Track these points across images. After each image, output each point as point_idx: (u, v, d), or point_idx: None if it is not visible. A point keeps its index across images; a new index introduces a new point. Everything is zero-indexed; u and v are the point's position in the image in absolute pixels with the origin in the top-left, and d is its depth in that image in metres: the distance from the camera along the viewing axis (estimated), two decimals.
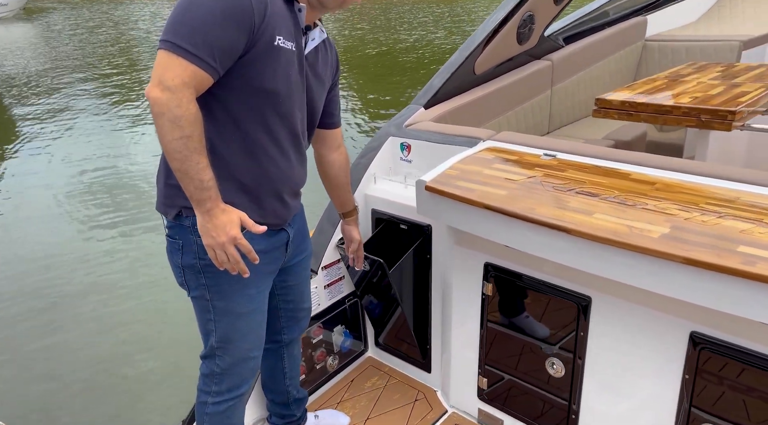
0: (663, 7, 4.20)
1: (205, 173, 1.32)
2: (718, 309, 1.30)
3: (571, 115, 3.53)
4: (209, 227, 1.36)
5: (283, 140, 1.50)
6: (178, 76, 1.26)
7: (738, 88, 2.43)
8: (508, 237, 1.67)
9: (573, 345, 1.79)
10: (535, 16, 2.90)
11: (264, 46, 1.37)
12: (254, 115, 1.43)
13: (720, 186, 1.57)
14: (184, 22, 1.28)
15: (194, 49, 1.27)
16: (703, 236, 1.34)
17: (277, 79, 1.42)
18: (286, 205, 1.59)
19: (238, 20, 1.30)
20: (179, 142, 1.28)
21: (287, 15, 1.43)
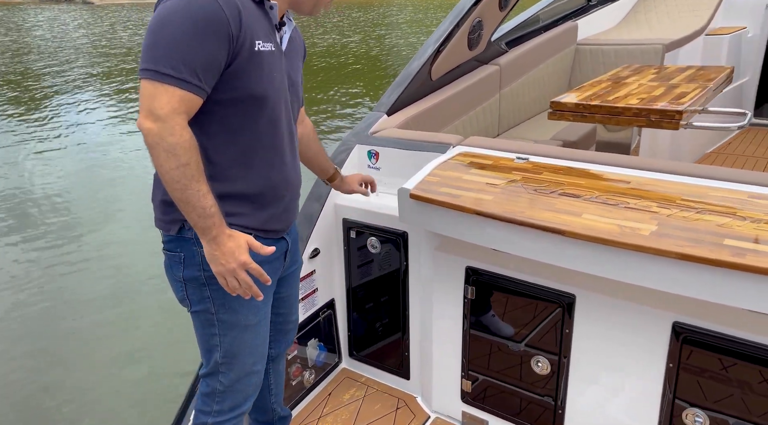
0: (590, 13, 4.45)
1: (207, 199, 1.29)
2: (706, 299, 1.39)
3: (518, 116, 3.66)
4: (217, 254, 1.33)
5: (278, 143, 1.49)
6: (167, 104, 1.24)
7: (677, 89, 2.61)
8: (497, 241, 1.69)
9: (558, 343, 1.85)
10: (483, 22, 2.98)
11: (246, 53, 1.34)
12: (247, 123, 1.41)
13: (688, 182, 1.67)
14: (160, 46, 1.24)
15: (176, 73, 1.24)
16: (688, 232, 1.42)
17: (264, 83, 1.40)
18: (288, 209, 1.58)
19: (214, 33, 1.27)
20: (177, 171, 1.25)
21: (260, 16, 1.41)
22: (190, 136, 1.26)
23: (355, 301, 2.37)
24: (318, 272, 2.29)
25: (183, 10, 1.24)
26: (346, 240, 2.30)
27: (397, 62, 14.22)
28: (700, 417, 1.61)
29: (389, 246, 2.20)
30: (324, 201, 2.25)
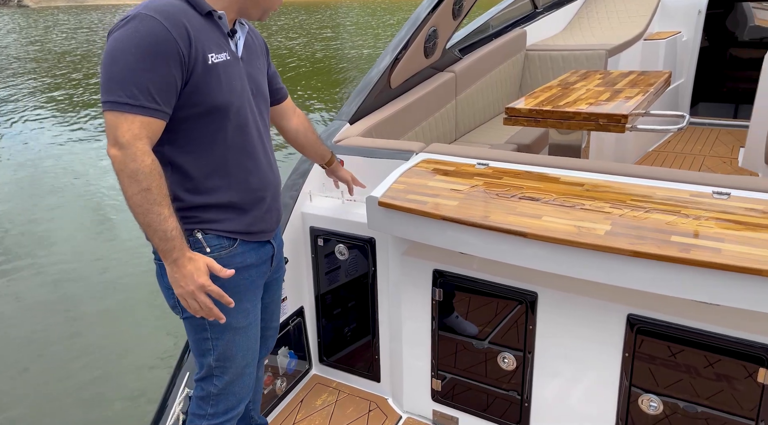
0: (537, 19, 4.63)
1: (168, 223, 1.33)
2: (656, 292, 1.50)
3: (474, 121, 3.78)
4: (177, 277, 1.37)
5: (250, 147, 1.53)
6: (127, 132, 1.29)
7: (621, 94, 2.77)
8: (463, 245, 1.77)
9: (522, 339, 1.94)
10: (438, 30, 3.07)
11: (201, 68, 1.38)
12: (216, 134, 1.45)
13: (637, 183, 1.80)
14: (114, 77, 1.30)
15: (134, 101, 1.30)
16: (639, 230, 1.54)
17: (225, 93, 1.44)
18: (270, 209, 1.62)
19: (165, 56, 1.31)
20: (139, 196, 1.30)
21: (209, 27, 1.44)
22: (152, 161, 1.31)
23: (324, 308, 2.41)
24: (287, 280, 2.31)
25: (131, 38, 1.30)
26: (313, 248, 2.34)
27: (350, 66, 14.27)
28: (654, 401, 1.73)
29: (356, 253, 2.25)
30: (291, 210, 2.28)
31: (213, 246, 1.50)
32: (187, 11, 1.38)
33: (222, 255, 1.52)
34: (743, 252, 1.38)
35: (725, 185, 1.69)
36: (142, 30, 1.30)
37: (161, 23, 1.31)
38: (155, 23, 1.30)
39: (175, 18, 1.33)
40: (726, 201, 1.61)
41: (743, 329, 1.53)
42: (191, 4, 1.41)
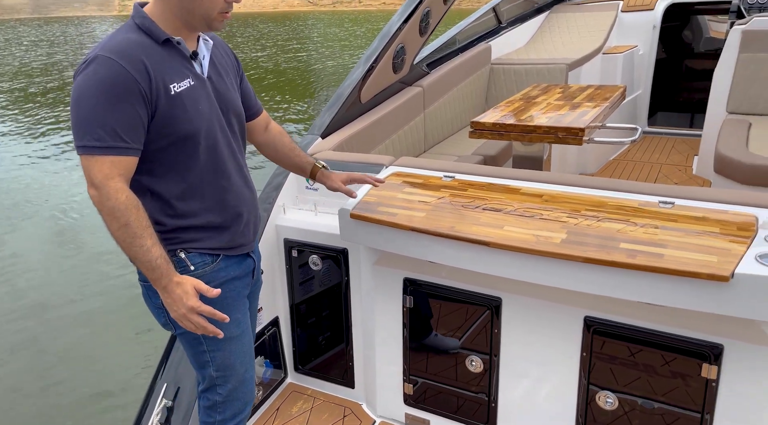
0: (501, 34, 4.80)
1: (152, 253, 1.39)
2: (608, 295, 1.62)
3: (441, 134, 3.90)
4: (169, 302, 1.44)
5: (223, 166, 1.58)
6: (99, 173, 1.37)
7: (579, 108, 2.92)
8: (431, 254, 1.87)
9: (488, 343, 2.04)
10: (406, 47, 3.19)
11: (164, 100, 1.43)
12: (189, 160, 1.51)
13: (591, 194, 1.93)
14: (81, 122, 1.37)
15: (100, 142, 1.36)
16: (592, 238, 1.66)
17: (192, 120, 1.48)
18: (248, 222, 1.68)
19: (126, 95, 1.37)
20: (120, 232, 1.38)
21: (169, 55, 1.47)
22: (126, 197, 1.38)
23: (298, 317, 2.48)
24: (261, 291, 2.37)
25: (91, 81, 1.35)
26: (287, 259, 2.41)
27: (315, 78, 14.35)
28: (610, 398, 1.85)
29: (330, 263, 2.33)
30: (265, 222, 2.35)
31: (196, 263, 1.56)
32: (144, 44, 1.42)
33: (206, 271, 1.57)
34: (682, 256, 1.51)
35: (670, 195, 1.83)
36: (101, 72, 1.35)
37: (118, 63, 1.36)
38: (113, 64, 1.36)
39: (132, 56, 1.38)
40: (670, 209, 1.75)
41: (687, 328, 1.66)
42: (148, 34, 1.44)
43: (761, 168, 2.74)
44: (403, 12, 3.07)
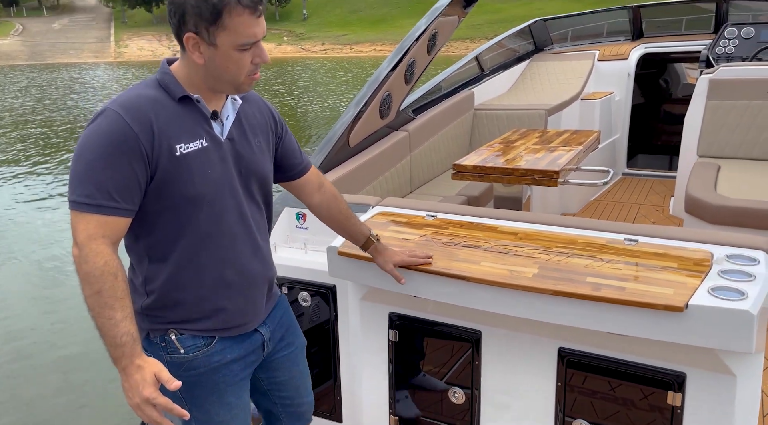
0: (484, 81, 5.05)
1: (119, 328, 1.28)
2: (578, 326, 1.74)
3: (427, 175, 4.07)
4: (125, 387, 1.30)
5: (227, 236, 1.49)
6: (83, 231, 1.30)
7: (555, 152, 3.10)
8: (414, 288, 1.98)
9: (470, 375, 2.14)
10: (392, 94, 3.39)
11: (166, 162, 1.37)
12: (188, 222, 1.43)
13: (562, 232, 2.07)
14: (76, 176, 1.32)
15: (90, 200, 1.30)
16: (561, 272, 1.78)
17: (197, 183, 1.41)
18: (254, 300, 1.58)
19: (125, 153, 1.31)
20: (91, 299, 1.29)
21: (184, 114, 1.41)
22: (104, 263, 1.28)
23: None
24: None
25: (93, 135, 1.32)
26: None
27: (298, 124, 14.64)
28: None
29: (319, 300, 2.43)
30: None
31: (188, 347, 1.47)
32: (157, 101, 1.38)
33: (198, 355, 1.49)
34: (642, 289, 1.63)
35: (635, 233, 1.97)
36: (103, 128, 1.31)
37: (123, 119, 1.32)
38: (118, 119, 1.32)
39: (140, 112, 1.34)
40: (634, 246, 1.89)
41: (652, 357, 1.77)
42: (165, 91, 1.40)
43: (728, 208, 2.90)
44: (389, 61, 3.28)
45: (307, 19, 47.95)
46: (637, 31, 5.76)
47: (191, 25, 1.34)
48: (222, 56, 1.36)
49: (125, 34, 47.90)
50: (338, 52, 38.28)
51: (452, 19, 3.67)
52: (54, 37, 47.72)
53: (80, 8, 57.46)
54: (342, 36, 41.46)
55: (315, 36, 40.40)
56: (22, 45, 45.30)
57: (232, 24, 1.33)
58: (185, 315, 1.46)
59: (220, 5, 1.31)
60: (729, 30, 4.83)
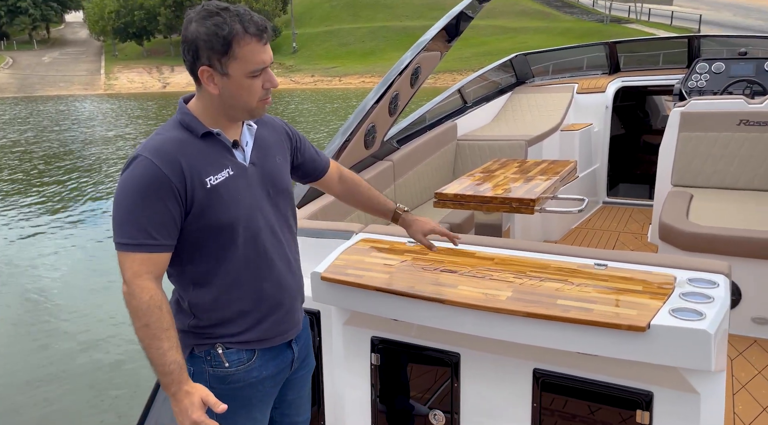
0: (467, 113, 5.22)
1: (167, 357, 1.41)
2: (550, 347, 1.81)
3: (411, 204, 4.17)
4: (176, 410, 1.45)
5: (263, 254, 1.60)
6: (128, 270, 1.44)
7: (533, 181, 3.22)
8: (395, 312, 2.05)
9: (449, 397, 2.19)
10: (376, 126, 3.51)
11: (201, 195, 1.49)
12: (226, 248, 1.55)
13: (536, 257, 2.16)
14: (117, 221, 1.46)
15: (132, 240, 1.43)
16: (534, 295, 1.87)
17: (231, 210, 1.53)
18: (289, 315, 1.70)
19: (159, 194, 1.44)
20: (140, 331, 1.43)
21: (209, 148, 1.53)
22: (150, 297, 1.42)
23: None
24: None
25: (128, 181, 1.45)
26: None
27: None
28: None
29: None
30: None
31: (232, 361, 1.59)
32: (183, 141, 1.49)
33: (240, 370, 1.61)
34: (608, 310, 1.72)
35: (604, 258, 2.07)
36: (137, 174, 1.44)
37: (154, 164, 1.44)
38: (149, 164, 1.44)
39: (169, 156, 1.46)
40: (603, 271, 1.98)
41: (621, 376, 1.84)
42: (188, 130, 1.52)
43: (699, 236, 3.02)
44: (374, 94, 3.41)
45: (296, 52, 48.78)
46: (614, 65, 5.99)
47: (204, 58, 1.45)
48: (235, 84, 1.47)
49: (116, 66, 48.36)
50: (327, 84, 38.85)
51: (435, 54, 3.83)
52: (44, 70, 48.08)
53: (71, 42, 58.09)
54: (331, 68, 42.16)
55: (304, 68, 41.07)
56: (11, 78, 45.56)
57: (241, 53, 1.44)
58: (230, 330, 1.57)
59: (229, 36, 1.42)
60: (700, 65, 5.04)
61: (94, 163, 14.55)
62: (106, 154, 16.01)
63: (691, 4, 45.69)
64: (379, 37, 46.93)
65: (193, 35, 1.43)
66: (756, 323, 2.85)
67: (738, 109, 3.83)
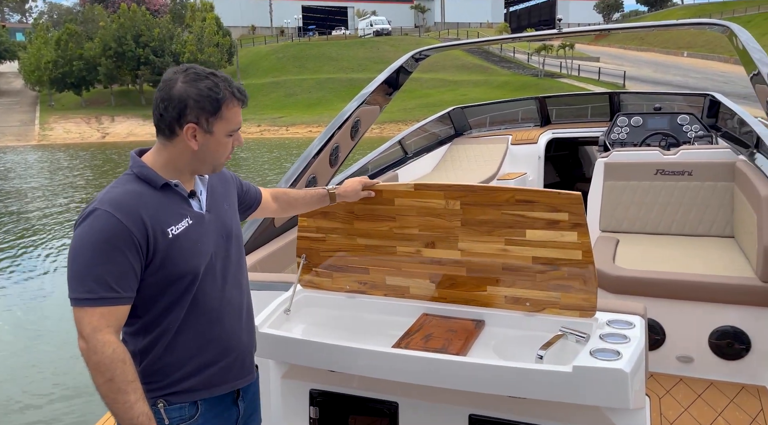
0: (408, 163, 5.37)
1: (134, 410, 1.41)
2: (481, 392, 1.85)
3: None
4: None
5: (216, 299, 1.63)
6: (88, 325, 1.42)
7: None
8: (330, 363, 2.05)
9: None
10: (317, 177, 3.56)
11: (162, 245, 1.51)
12: (182, 295, 1.56)
13: (470, 309, 2.22)
14: (74, 275, 1.44)
15: (91, 294, 1.42)
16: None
17: (190, 259, 1.56)
18: (238, 362, 1.69)
19: (120, 247, 1.44)
20: (104, 386, 1.41)
21: (167, 199, 1.56)
22: (113, 351, 1.41)
23: None
24: None
25: (87, 236, 1.44)
26: None
27: None
28: None
29: None
30: None
31: (173, 418, 1.57)
32: (142, 194, 1.52)
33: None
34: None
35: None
36: (96, 226, 1.44)
37: (114, 217, 1.45)
38: (109, 217, 1.45)
39: (129, 208, 1.47)
40: (533, 315, 2.06)
41: (550, 418, 1.90)
42: (146, 182, 1.55)
43: (624, 278, 3.18)
44: (314, 146, 3.48)
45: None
46: (545, 118, 6.36)
47: (192, 116, 1.54)
48: (214, 142, 1.59)
49: (51, 116, 46.90)
50: (274, 134, 38.99)
51: (374, 108, 3.96)
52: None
53: (4, 92, 56.21)
54: (278, 118, 42.43)
55: (251, 118, 41.16)
56: None
57: (228, 114, 1.57)
58: (174, 377, 1.56)
59: (222, 100, 1.55)
60: (621, 119, 5.42)
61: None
62: (15, 206, 15.27)
63: (615, 61, 49.29)
64: (325, 88, 47.85)
65: (182, 94, 1.52)
66: (681, 362, 2.99)
67: (654, 159, 4.12)
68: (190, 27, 52.73)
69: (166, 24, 52.16)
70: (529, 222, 1.95)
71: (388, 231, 2.20)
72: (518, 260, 2.01)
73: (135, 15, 49.79)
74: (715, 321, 2.92)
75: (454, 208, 2.05)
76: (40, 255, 10.50)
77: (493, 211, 1.99)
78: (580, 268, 1.93)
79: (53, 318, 7.35)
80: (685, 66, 46.56)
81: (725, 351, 2.89)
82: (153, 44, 48.75)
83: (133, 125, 44.23)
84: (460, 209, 2.04)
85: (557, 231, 1.92)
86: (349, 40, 60.90)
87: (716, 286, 2.93)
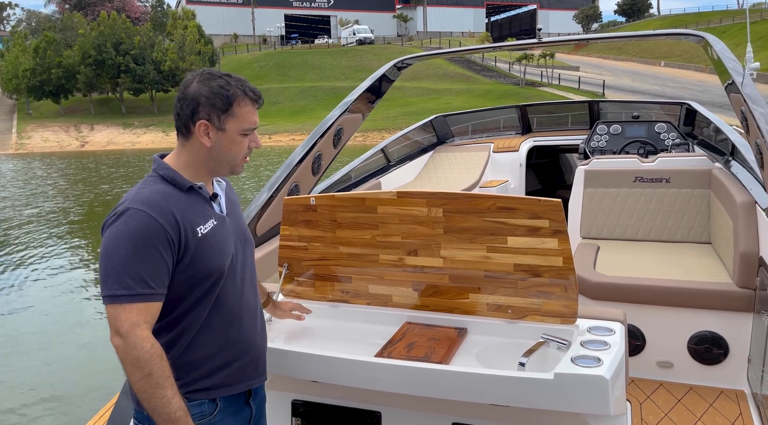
0: (390, 171, 5.37)
1: (171, 405, 1.43)
2: (464, 400, 1.85)
3: None
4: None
5: (236, 298, 1.66)
6: (126, 321, 1.43)
7: None
8: (313, 374, 2.03)
9: None
10: (300, 185, 3.55)
11: (193, 244, 1.55)
12: (207, 294, 1.60)
13: (450, 317, 2.22)
14: (110, 273, 1.46)
15: (128, 291, 1.44)
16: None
17: (217, 258, 1.60)
18: (254, 361, 1.73)
19: (154, 244, 1.47)
20: (142, 381, 1.42)
21: (193, 201, 1.61)
22: (151, 346, 1.43)
23: None
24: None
25: (122, 233, 1.46)
26: None
27: None
28: None
29: None
30: None
31: (194, 415, 1.58)
32: (171, 195, 1.56)
33: (202, 423, 1.61)
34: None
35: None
36: (131, 224, 1.47)
37: (149, 215, 1.48)
38: (143, 215, 1.48)
39: (162, 207, 1.50)
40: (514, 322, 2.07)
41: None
42: (173, 184, 1.58)
43: (605, 285, 3.21)
44: (297, 154, 3.46)
45: None
46: (526, 126, 6.41)
47: (204, 113, 1.58)
48: (227, 139, 1.62)
49: (29, 125, 46.15)
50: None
51: (357, 116, 3.97)
52: None
53: None
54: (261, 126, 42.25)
55: None
56: None
57: (240, 112, 1.60)
58: (194, 374, 1.58)
59: (232, 97, 1.59)
60: (600, 127, 5.50)
61: None
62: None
63: (595, 70, 50.08)
64: (308, 96, 47.89)
65: (195, 92, 1.58)
66: (661, 367, 3.02)
67: (633, 167, 4.18)
68: (171, 35, 52.38)
69: (146, 32, 51.74)
70: (510, 230, 1.96)
71: (371, 239, 2.20)
72: (500, 267, 2.02)
73: (115, 23, 49.36)
74: (693, 327, 2.95)
75: (436, 216, 2.05)
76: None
77: (475, 219, 2.00)
78: (561, 275, 1.94)
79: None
80: (662, 75, 47.53)
81: (704, 356, 2.92)
82: (133, 52, 48.35)
83: (112, 133, 43.76)
84: (442, 217, 2.05)
85: (538, 238, 1.94)
86: (332, 48, 61.08)
87: (694, 292, 2.97)
